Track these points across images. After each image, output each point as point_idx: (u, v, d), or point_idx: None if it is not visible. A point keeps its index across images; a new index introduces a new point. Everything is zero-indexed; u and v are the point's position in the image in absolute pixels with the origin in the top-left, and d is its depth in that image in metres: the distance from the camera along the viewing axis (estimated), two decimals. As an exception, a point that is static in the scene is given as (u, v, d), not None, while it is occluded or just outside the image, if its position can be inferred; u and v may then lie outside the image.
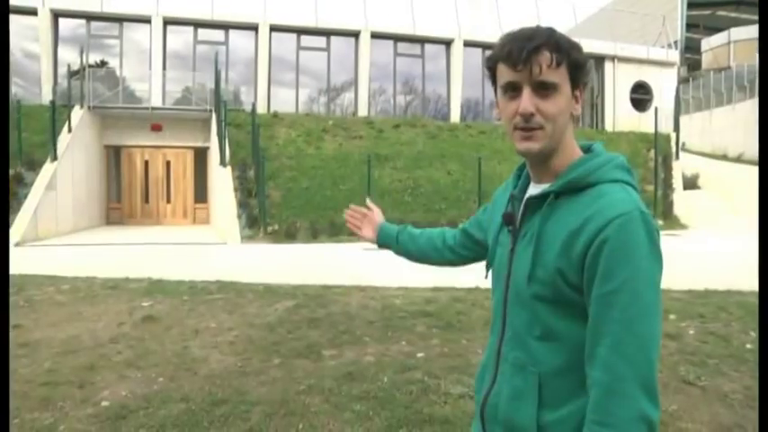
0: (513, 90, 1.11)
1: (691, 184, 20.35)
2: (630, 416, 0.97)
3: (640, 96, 23.53)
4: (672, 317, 5.81)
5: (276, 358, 4.60)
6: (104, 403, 3.70)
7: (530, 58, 1.07)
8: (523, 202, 1.20)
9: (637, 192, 1.11)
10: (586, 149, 1.20)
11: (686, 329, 5.35)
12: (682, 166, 19.83)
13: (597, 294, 1.02)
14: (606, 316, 1.01)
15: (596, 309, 1.02)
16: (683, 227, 16.88)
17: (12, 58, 18.75)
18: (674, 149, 19.76)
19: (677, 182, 18.95)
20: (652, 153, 19.14)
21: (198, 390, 3.91)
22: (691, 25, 32.37)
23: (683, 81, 27.52)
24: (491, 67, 1.16)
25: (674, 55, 24.30)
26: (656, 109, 19.45)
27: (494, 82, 1.17)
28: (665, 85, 23.32)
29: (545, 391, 1.11)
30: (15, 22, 18.43)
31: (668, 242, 13.55)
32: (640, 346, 0.99)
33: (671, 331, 5.24)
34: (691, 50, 32.50)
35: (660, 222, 16.94)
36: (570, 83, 1.12)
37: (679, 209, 18.05)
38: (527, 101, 1.08)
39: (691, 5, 31.33)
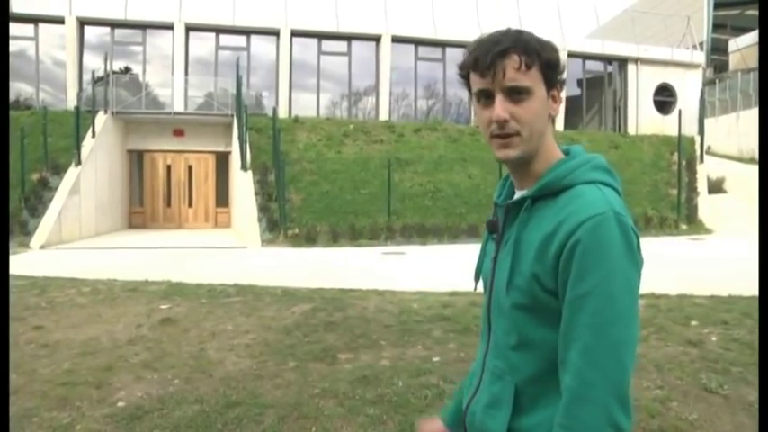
0: (485, 98, 1.09)
1: (716, 187, 20.00)
2: (599, 423, 0.94)
3: (664, 99, 23.15)
4: (694, 323, 5.69)
5: (291, 361, 4.60)
6: (120, 404, 3.73)
7: (496, 63, 1.05)
8: (504, 209, 1.18)
9: (617, 193, 1.09)
10: (567, 153, 1.17)
11: (708, 336, 5.23)
12: (707, 169, 19.50)
13: (569, 298, 0.99)
14: (577, 320, 0.98)
15: (568, 312, 1.00)
16: (707, 231, 16.58)
17: (40, 66, 19.20)
18: (698, 152, 19.44)
19: (702, 185, 18.64)
20: (676, 156, 18.83)
21: (212, 392, 3.92)
22: (717, 26, 31.72)
23: (708, 83, 27.07)
24: (464, 76, 1.13)
25: (700, 56, 23.90)
26: (679, 111, 19.14)
27: (470, 90, 1.14)
28: (689, 87, 22.93)
29: (521, 399, 1.10)
30: (44, 30, 18.91)
31: (692, 247, 13.36)
32: (612, 351, 0.96)
33: (692, 338, 5.13)
34: (717, 51, 31.87)
35: (684, 227, 16.69)
36: (545, 84, 1.08)
37: (703, 213, 17.74)
38: (499, 108, 1.06)
39: (717, 5, 30.71)
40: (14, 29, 18.55)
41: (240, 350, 4.93)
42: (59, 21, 18.52)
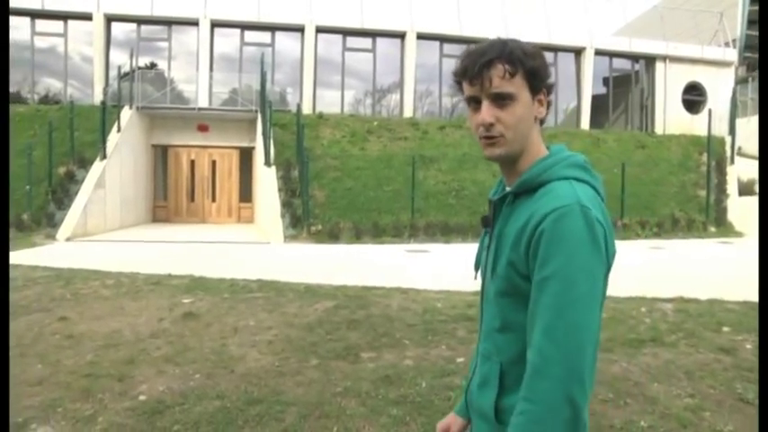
0: (475, 103, 1.21)
1: (747, 189, 19.53)
2: (554, 396, 1.03)
3: (693, 98, 22.64)
4: (726, 329, 5.52)
5: (314, 359, 4.56)
6: (142, 397, 3.72)
7: (482, 72, 1.16)
8: (492, 204, 1.30)
9: (593, 188, 1.18)
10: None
11: (742, 343, 5.05)
12: (737, 170, 19.03)
13: (535, 281, 1.10)
14: (541, 301, 1.08)
15: (534, 295, 1.10)
16: (737, 234, 16.19)
17: (69, 62, 19.48)
18: (728, 153, 18.99)
19: (732, 187, 18.20)
20: (705, 157, 18.44)
21: (234, 388, 3.89)
22: (753, 22, 30.81)
23: (741, 81, 26.37)
24: (458, 82, 1.24)
25: (732, 54, 23.30)
26: (709, 111, 18.72)
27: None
28: (720, 85, 22.40)
29: (506, 379, 1.21)
30: (72, 27, 19.20)
31: (721, 250, 13.06)
32: (570, 331, 1.04)
33: (725, 345, 4.96)
34: (752, 49, 30.94)
35: (712, 229, 16.34)
36: (529, 90, 1.19)
37: (733, 215, 17.34)
38: (486, 112, 1.18)
39: (754, 0, 29.82)
40: (44, 25, 18.96)
41: (262, 346, 4.90)
42: (87, 17, 18.77)
